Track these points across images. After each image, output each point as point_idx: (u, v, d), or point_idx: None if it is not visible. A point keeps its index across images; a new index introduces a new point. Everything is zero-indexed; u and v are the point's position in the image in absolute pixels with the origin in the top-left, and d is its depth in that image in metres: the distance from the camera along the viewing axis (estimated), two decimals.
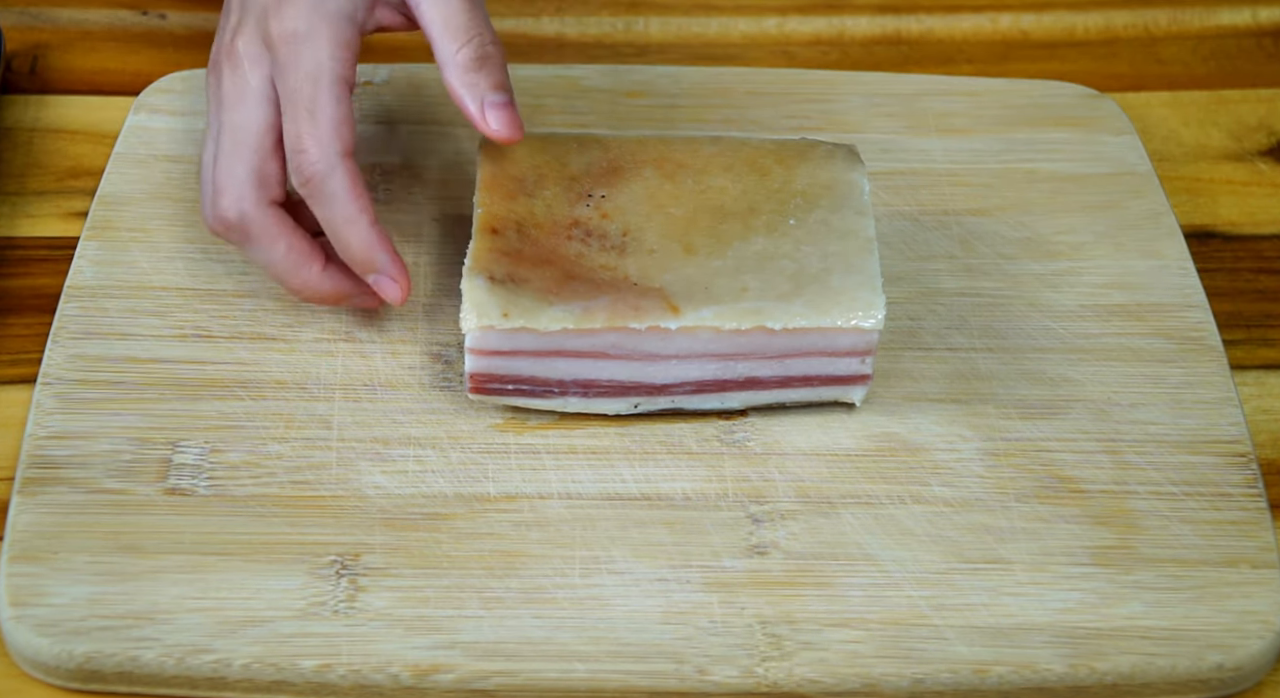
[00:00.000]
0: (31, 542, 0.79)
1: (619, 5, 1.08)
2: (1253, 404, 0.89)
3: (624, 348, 0.82)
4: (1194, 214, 0.98)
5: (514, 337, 0.81)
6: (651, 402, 0.84)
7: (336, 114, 0.81)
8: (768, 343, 0.82)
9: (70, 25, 1.06)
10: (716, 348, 0.82)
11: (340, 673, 0.76)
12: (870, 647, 0.77)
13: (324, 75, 0.81)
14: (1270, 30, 1.09)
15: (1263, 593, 0.79)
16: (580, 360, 0.82)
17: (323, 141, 0.81)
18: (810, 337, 0.82)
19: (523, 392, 0.83)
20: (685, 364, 0.82)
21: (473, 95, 0.83)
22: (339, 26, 0.82)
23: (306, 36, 0.82)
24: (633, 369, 0.82)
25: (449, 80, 0.83)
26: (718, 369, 0.83)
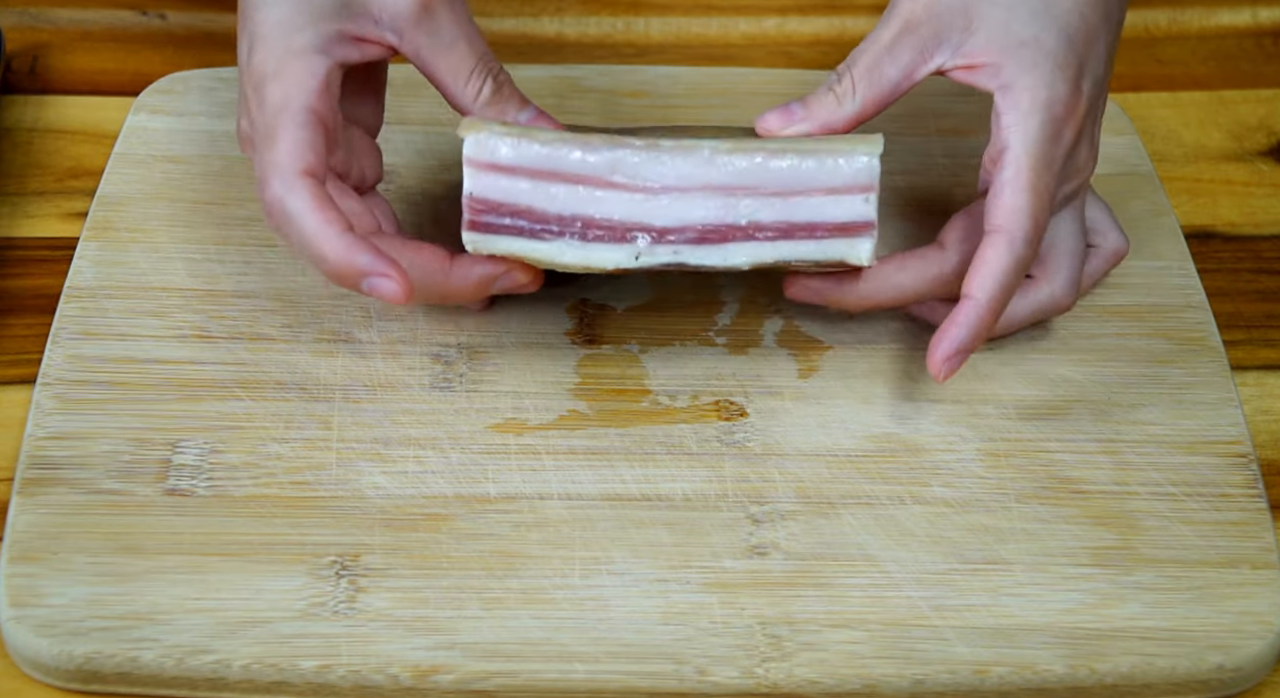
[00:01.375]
0: (31, 542, 0.79)
1: (619, 5, 1.08)
2: (1253, 404, 0.89)
3: (623, 172, 0.80)
4: (1194, 214, 0.98)
5: (513, 146, 0.80)
6: (652, 253, 0.81)
7: (295, 138, 0.79)
8: (768, 172, 0.81)
9: (70, 25, 1.06)
10: (717, 177, 0.81)
11: (340, 674, 0.76)
12: (870, 647, 0.77)
13: (288, 105, 0.79)
14: (1270, 30, 1.09)
15: (1263, 594, 0.79)
16: (578, 188, 0.81)
17: (279, 167, 0.79)
18: (809, 165, 0.80)
19: (520, 229, 0.81)
20: (686, 200, 0.81)
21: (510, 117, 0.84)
22: (307, 60, 0.80)
23: (274, 75, 0.80)
24: (631, 204, 0.81)
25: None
26: (720, 209, 0.81)
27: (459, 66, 0.83)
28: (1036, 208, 0.80)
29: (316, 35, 0.81)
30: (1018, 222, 0.80)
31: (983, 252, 0.81)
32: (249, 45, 0.81)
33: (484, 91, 0.83)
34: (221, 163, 0.94)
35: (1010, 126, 0.81)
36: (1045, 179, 0.81)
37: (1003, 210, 0.80)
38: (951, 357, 0.81)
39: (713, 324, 0.89)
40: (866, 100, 0.82)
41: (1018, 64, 0.81)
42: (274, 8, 0.81)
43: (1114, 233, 0.88)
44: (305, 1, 0.81)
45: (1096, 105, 0.84)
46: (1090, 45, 0.82)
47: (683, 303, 0.90)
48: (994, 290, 0.81)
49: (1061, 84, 0.81)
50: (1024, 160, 0.80)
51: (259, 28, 0.81)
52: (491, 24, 1.07)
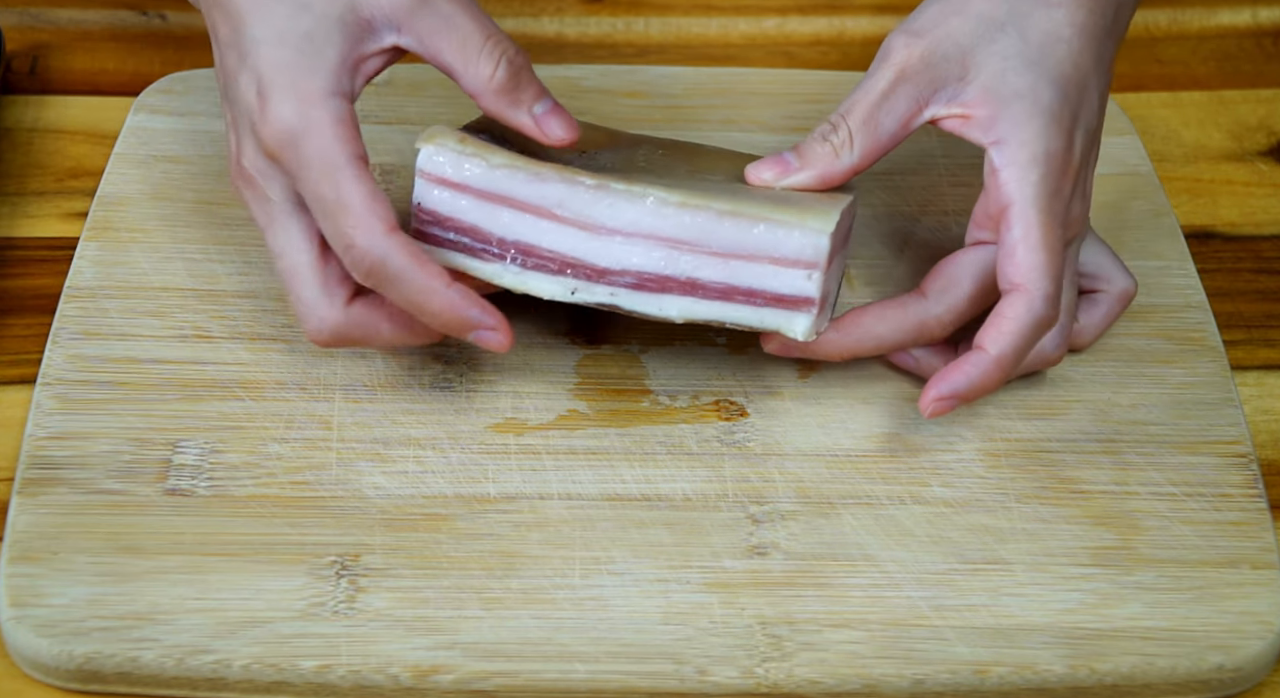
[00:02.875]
0: (31, 542, 0.79)
1: (619, 5, 1.08)
2: (1253, 404, 0.89)
3: (570, 208, 0.80)
4: (1194, 214, 0.98)
5: (463, 163, 0.80)
6: (589, 291, 0.81)
7: (363, 194, 0.78)
8: (713, 231, 0.80)
9: (70, 25, 1.06)
10: (662, 228, 0.80)
11: (340, 674, 0.76)
12: (870, 647, 0.77)
13: (336, 162, 0.78)
14: (1270, 30, 1.09)
15: (1263, 594, 0.79)
16: (524, 216, 0.80)
17: (364, 229, 0.78)
18: (757, 231, 0.79)
19: (462, 246, 0.81)
20: (629, 245, 0.80)
21: (521, 113, 0.81)
22: (329, 106, 0.79)
23: (302, 131, 0.78)
24: (575, 241, 0.80)
25: (489, 107, 0.81)
26: (661, 260, 0.80)
27: (466, 45, 0.80)
28: (1053, 265, 0.79)
29: (327, 76, 0.79)
30: (1037, 281, 0.79)
31: (1002, 308, 0.80)
32: (256, 88, 0.79)
33: (498, 74, 0.80)
34: (221, 163, 0.94)
35: (1010, 182, 0.80)
36: (1055, 234, 0.80)
37: (1020, 269, 0.79)
38: (945, 398, 0.80)
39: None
40: (864, 152, 0.81)
41: (1012, 117, 0.80)
42: (277, 47, 0.79)
43: (1120, 275, 0.87)
44: (306, 38, 0.79)
45: (1089, 155, 0.83)
46: (1083, 94, 0.81)
47: None
48: (1008, 347, 0.80)
49: (1057, 137, 0.80)
50: (1033, 217, 0.79)
51: (265, 68, 0.79)
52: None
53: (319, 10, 0.79)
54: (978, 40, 0.81)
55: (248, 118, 0.80)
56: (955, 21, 0.81)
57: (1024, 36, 0.81)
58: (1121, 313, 0.88)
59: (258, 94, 0.79)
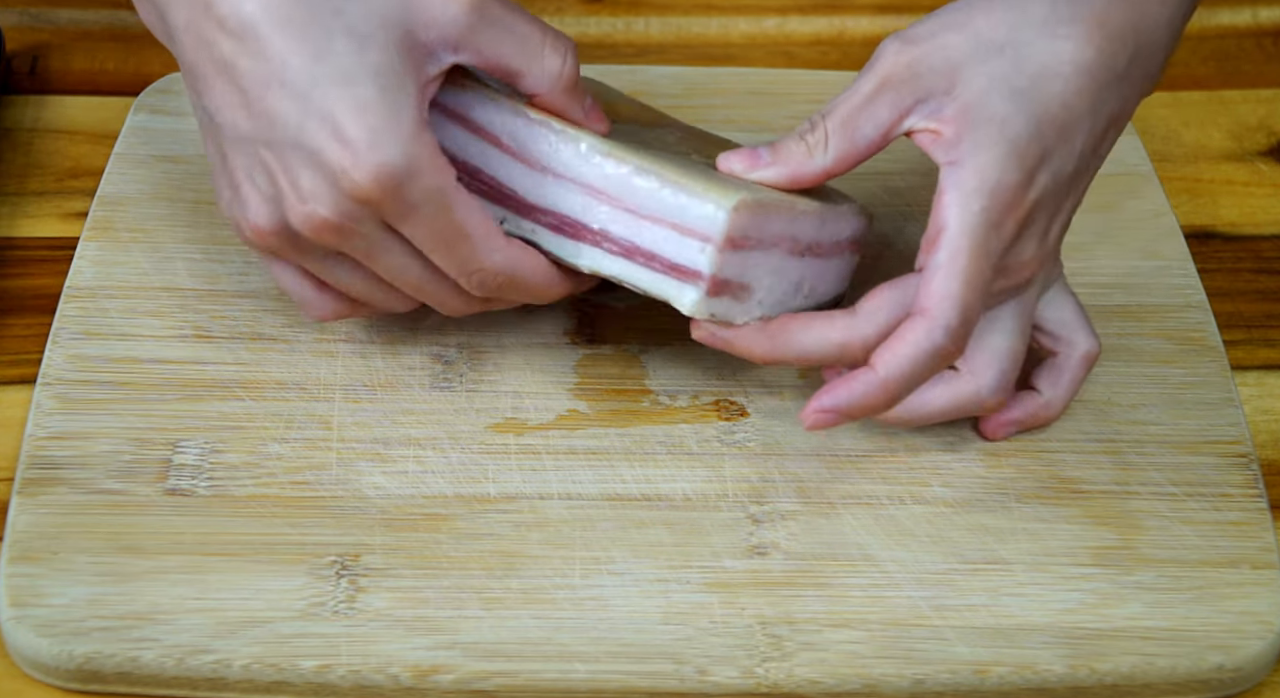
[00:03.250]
0: (31, 542, 0.79)
1: (619, 5, 1.08)
2: (1253, 404, 0.89)
3: (516, 139, 0.80)
4: (1194, 214, 0.98)
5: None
6: (516, 223, 0.81)
7: (480, 219, 0.78)
8: (629, 187, 0.79)
9: (70, 25, 1.06)
10: (586, 174, 0.80)
11: (340, 674, 0.76)
12: (870, 647, 0.77)
13: (447, 196, 0.77)
14: (1270, 30, 1.09)
15: (1263, 594, 0.79)
16: (476, 139, 0.81)
17: (493, 250, 0.78)
18: (665, 194, 0.78)
19: None
20: (556, 185, 0.80)
21: (578, 107, 0.80)
22: (424, 140, 0.76)
23: (407, 173, 0.75)
24: (513, 173, 0.80)
25: (557, 101, 0.79)
26: (580, 206, 0.80)
27: (528, 46, 0.78)
28: (966, 298, 0.77)
29: (413, 111, 0.75)
30: (943, 309, 0.77)
31: (901, 330, 0.77)
32: (334, 133, 0.74)
33: (566, 68, 0.79)
34: None
35: (950, 207, 0.77)
36: (980, 268, 0.77)
37: (931, 295, 0.77)
38: (827, 411, 0.78)
39: None
40: (838, 155, 0.79)
41: (974, 141, 0.77)
42: (349, 86, 0.75)
43: (1083, 336, 0.84)
44: (383, 72, 0.75)
45: (1055, 200, 0.80)
46: (1063, 137, 0.78)
47: None
48: (898, 371, 0.77)
49: (1013, 172, 0.77)
50: (960, 244, 0.77)
51: (343, 111, 0.74)
52: None
53: (381, 42, 0.75)
54: (970, 58, 0.78)
55: (322, 166, 0.75)
56: (952, 36, 0.78)
57: (1019, 64, 0.78)
58: (1085, 376, 0.85)
59: (337, 139, 0.75)
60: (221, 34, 0.76)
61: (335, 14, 0.75)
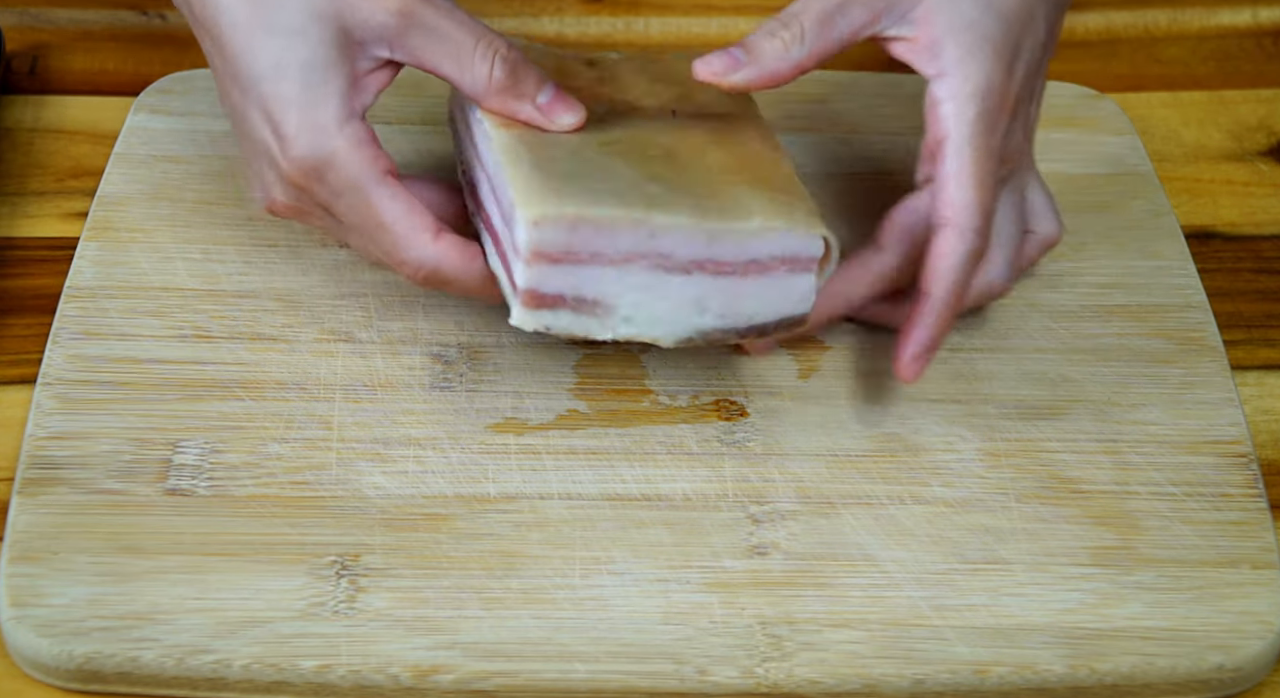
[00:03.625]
0: (31, 542, 0.79)
1: (619, 5, 1.08)
2: (1253, 404, 0.89)
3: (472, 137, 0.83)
4: (1194, 214, 0.98)
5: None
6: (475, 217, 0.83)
7: (402, 210, 0.79)
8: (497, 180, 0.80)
9: (70, 25, 1.06)
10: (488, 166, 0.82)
11: (340, 674, 0.76)
12: (870, 647, 0.77)
13: (366, 186, 0.79)
14: (1270, 30, 1.09)
15: (1263, 594, 0.79)
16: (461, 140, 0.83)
17: (412, 243, 0.79)
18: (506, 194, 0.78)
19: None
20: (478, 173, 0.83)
21: (525, 107, 0.81)
22: (346, 131, 0.79)
23: (325, 163, 0.79)
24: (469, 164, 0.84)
25: (494, 107, 0.81)
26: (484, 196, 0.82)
27: (459, 53, 0.81)
28: (983, 199, 0.80)
29: (338, 101, 0.79)
30: (967, 215, 0.80)
31: (935, 247, 0.81)
32: (269, 125, 0.79)
33: (495, 75, 0.81)
34: (221, 163, 0.94)
35: (949, 116, 0.80)
36: (988, 169, 0.80)
37: (951, 205, 0.80)
38: (919, 356, 0.82)
39: None
40: (814, 50, 0.81)
41: (957, 48, 0.80)
42: (281, 79, 0.79)
43: (1049, 220, 0.87)
44: (309, 66, 0.79)
45: (1030, 88, 0.83)
46: (1026, 27, 0.82)
47: None
48: (950, 285, 0.81)
49: (997, 71, 0.80)
50: (967, 152, 0.80)
51: (273, 105, 0.79)
52: (491, 24, 1.07)
53: (314, 37, 0.79)
54: None
55: (266, 155, 0.81)
56: None
57: None
58: (1039, 257, 0.88)
59: (272, 132, 0.80)
60: (202, 32, 0.82)
61: (275, 11, 0.79)
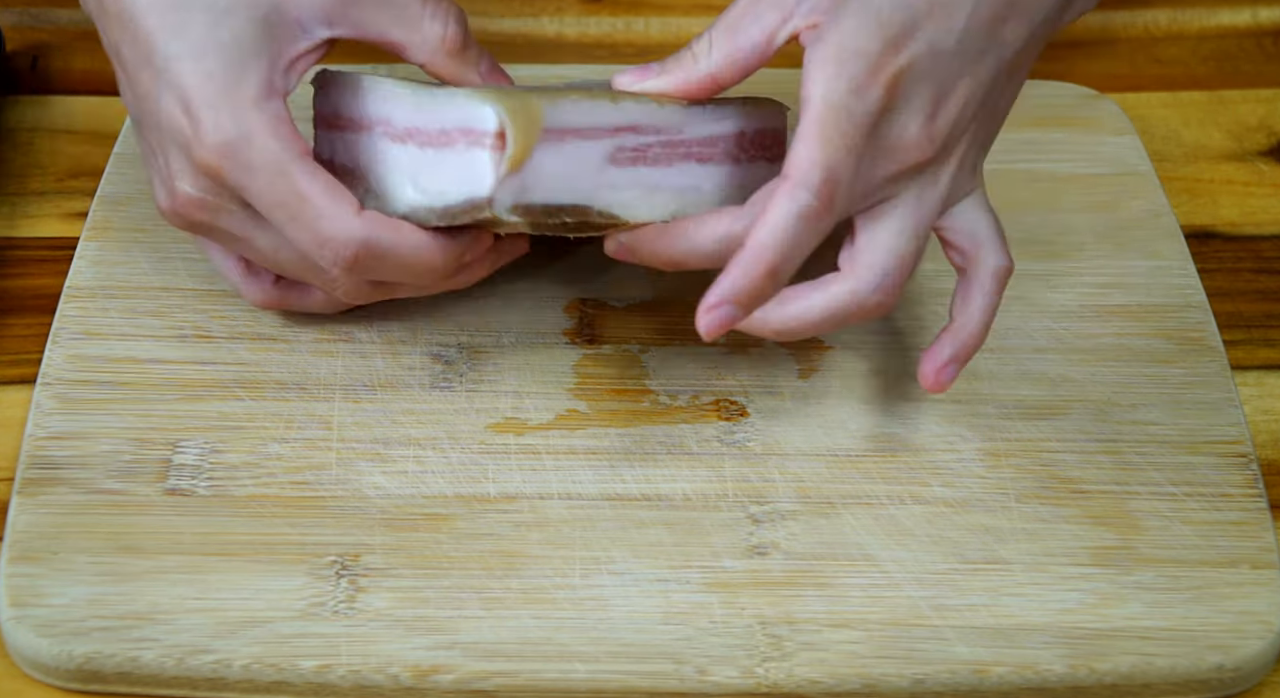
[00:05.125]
0: (31, 542, 0.79)
1: (619, 5, 1.08)
2: (1253, 404, 0.89)
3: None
4: (1194, 214, 0.98)
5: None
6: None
7: (323, 186, 0.77)
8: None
9: (70, 25, 1.06)
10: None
11: (340, 674, 0.76)
12: (870, 647, 0.77)
13: (285, 162, 0.77)
14: (1270, 30, 1.09)
15: (1263, 594, 0.79)
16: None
17: (336, 219, 0.77)
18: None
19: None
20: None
21: (471, 72, 0.80)
22: (266, 108, 0.77)
23: (242, 139, 0.76)
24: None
25: (444, 69, 0.80)
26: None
27: (406, 14, 0.79)
28: (827, 158, 0.74)
29: (259, 80, 0.77)
30: (804, 170, 0.75)
31: (767, 202, 0.76)
32: (182, 107, 0.77)
33: (449, 32, 0.79)
34: None
35: (812, 80, 0.75)
36: (842, 130, 0.75)
37: (794, 161, 0.75)
38: (715, 305, 0.75)
39: None
40: (722, 58, 0.78)
41: (837, 18, 0.76)
42: (200, 59, 0.77)
43: (993, 251, 0.81)
44: (233, 44, 0.77)
45: (934, 77, 0.77)
46: (937, 10, 0.76)
47: (683, 302, 0.90)
48: (769, 238, 0.75)
49: (872, 39, 0.75)
50: (819, 110, 0.75)
51: (189, 84, 0.77)
52: (491, 24, 1.07)
53: (241, 15, 0.77)
54: None
55: (176, 140, 0.78)
56: None
57: None
58: (1000, 292, 0.81)
59: (184, 112, 0.77)
60: (111, 21, 0.80)
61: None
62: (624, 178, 0.79)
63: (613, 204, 0.79)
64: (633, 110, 0.79)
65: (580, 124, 0.77)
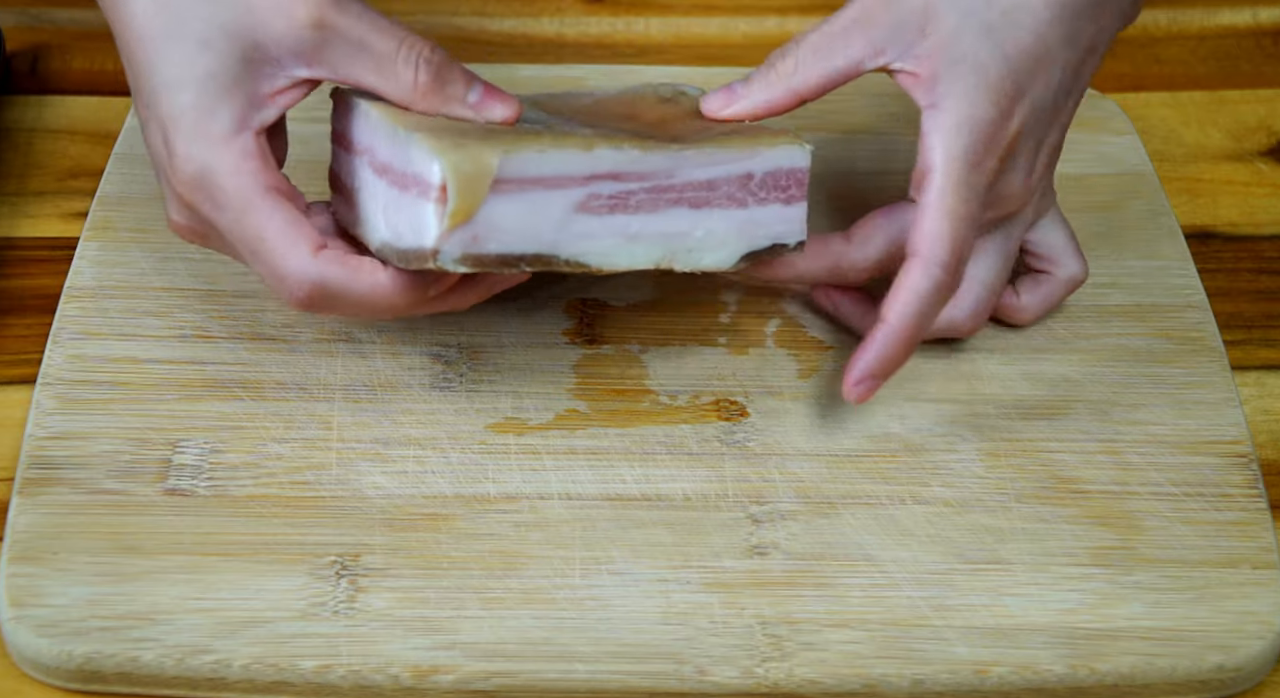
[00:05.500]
0: (31, 542, 0.79)
1: (619, 5, 1.08)
2: (1253, 404, 0.89)
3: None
4: (1194, 214, 0.98)
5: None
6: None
7: (281, 223, 0.77)
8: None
9: (70, 25, 1.06)
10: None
11: (340, 674, 0.76)
12: (870, 647, 0.77)
13: (249, 198, 0.77)
14: (1270, 30, 1.09)
15: (1263, 594, 0.79)
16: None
17: (291, 256, 0.77)
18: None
19: None
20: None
21: (456, 106, 0.80)
22: (235, 144, 0.77)
23: (209, 174, 0.77)
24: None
25: (425, 110, 0.79)
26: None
27: (380, 61, 0.79)
28: (956, 234, 0.80)
29: (231, 115, 0.77)
30: (935, 248, 0.79)
31: (901, 276, 0.80)
32: (162, 136, 0.78)
33: (420, 78, 0.79)
34: None
35: (933, 149, 0.80)
36: (967, 204, 0.80)
37: (922, 236, 0.80)
38: (863, 380, 0.81)
39: (713, 324, 0.89)
40: (809, 79, 0.81)
41: (949, 81, 0.80)
42: (179, 91, 0.77)
43: (1071, 260, 0.87)
44: (208, 78, 0.77)
45: (1037, 133, 0.82)
46: (1038, 69, 0.80)
47: (683, 302, 0.90)
48: (908, 316, 0.80)
49: (988, 107, 0.79)
50: (945, 185, 0.79)
51: (167, 115, 0.77)
52: (491, 24, 1.07)
53: (221, 49, 0.77)
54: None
55: (160, 168, 0.80)
56: None
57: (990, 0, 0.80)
58: (1065, 297, 0.88)
59: (164, 143, 0.78)
60: (118, 44, 0.80)
61: (182, 23, 0.78)
62: (599, 226, 0.79)
63: (584, 253, 0.79)
64: (610, 158, 0.78)
65: (544, 173, 0.77)
